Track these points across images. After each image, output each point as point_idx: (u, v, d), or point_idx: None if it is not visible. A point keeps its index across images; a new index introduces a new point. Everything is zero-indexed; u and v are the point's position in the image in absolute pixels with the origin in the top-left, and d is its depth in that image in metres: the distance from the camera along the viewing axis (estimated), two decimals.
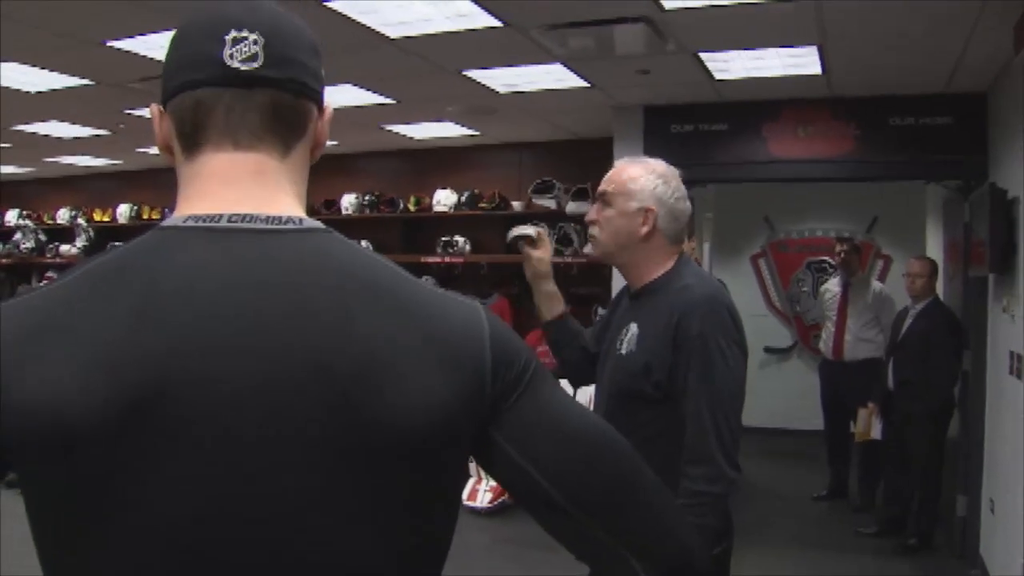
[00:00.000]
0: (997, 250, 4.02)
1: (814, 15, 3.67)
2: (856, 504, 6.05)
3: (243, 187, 0.90)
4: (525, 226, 2.35)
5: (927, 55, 4.23)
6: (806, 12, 3.64)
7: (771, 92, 5.02)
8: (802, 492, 6.40)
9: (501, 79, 4.81)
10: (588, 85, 4.92)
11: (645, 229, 2.09)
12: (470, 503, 5.60)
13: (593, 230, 2.18)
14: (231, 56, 0.87)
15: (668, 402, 2.00)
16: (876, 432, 5.47)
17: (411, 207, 7.29)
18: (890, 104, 4.96)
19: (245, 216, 0.88)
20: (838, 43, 4.05)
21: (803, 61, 4.38)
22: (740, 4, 3.51)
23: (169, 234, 0.87)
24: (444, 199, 7.07)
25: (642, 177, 2.12)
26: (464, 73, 4.62)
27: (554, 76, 4.74)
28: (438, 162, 7.36)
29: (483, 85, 4.89)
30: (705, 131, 5.35)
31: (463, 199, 7.02)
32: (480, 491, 5.71)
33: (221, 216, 0.87)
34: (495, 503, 5.64)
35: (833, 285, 6.36)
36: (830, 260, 8.09)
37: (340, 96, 5.24)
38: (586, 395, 5.17)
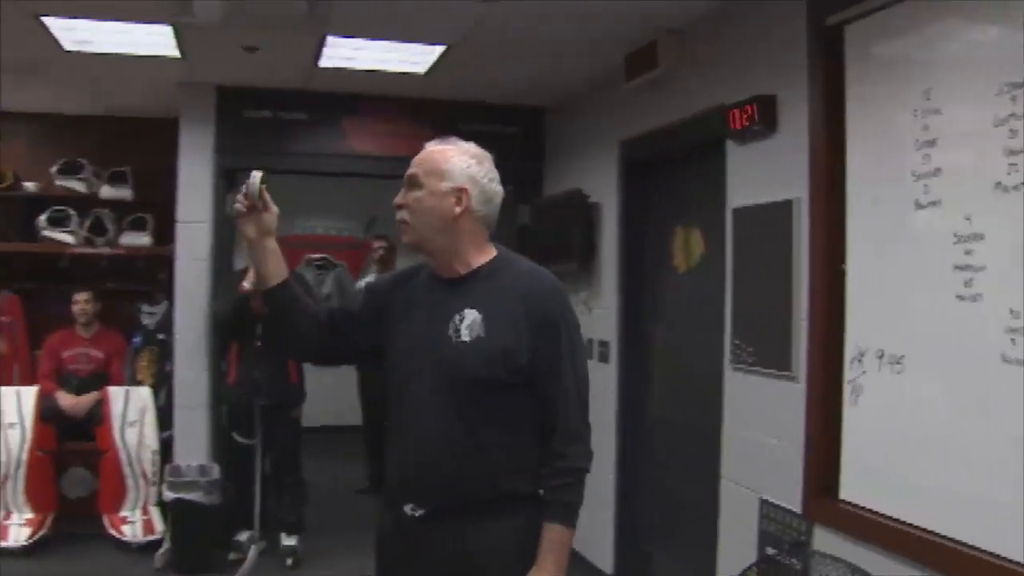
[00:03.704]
0: (585, 249, 4.57)
1: (462, 16, 3.75)
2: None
3: None
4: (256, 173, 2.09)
5: (520, 69, 4.61)
6: (458, 12, 3.71)
7: (360, 86, 4.99)
8: (348, 487, 6.48)
9: (79, 33, 3.99)
10: (178, 56, 4.34)
11: (458, 209, 2.02)
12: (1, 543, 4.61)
13: (402, 215, 2.06)
14: None
15: (516, 387, 2.00)
16: None
17: None
18: (464, 110, 5.27)
19: None
20: (465, 48, 4.19)
21: (416, 59, 4.45)
22: None
23: None
24: None
25: (454, 157, 2.05)
26: (43, 18, 3.74)
27: (147, 40, 4.09)
28: None
29: (53, 36, 4.00)
30: (284, 119, 5.10)
31: None
32: (12, 527, 4.72)
33: None
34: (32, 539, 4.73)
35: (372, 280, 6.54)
36: (330, 257, 8.36)
37: None
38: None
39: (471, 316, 2.00)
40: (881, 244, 2.66)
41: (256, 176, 2.06)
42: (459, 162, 2.04)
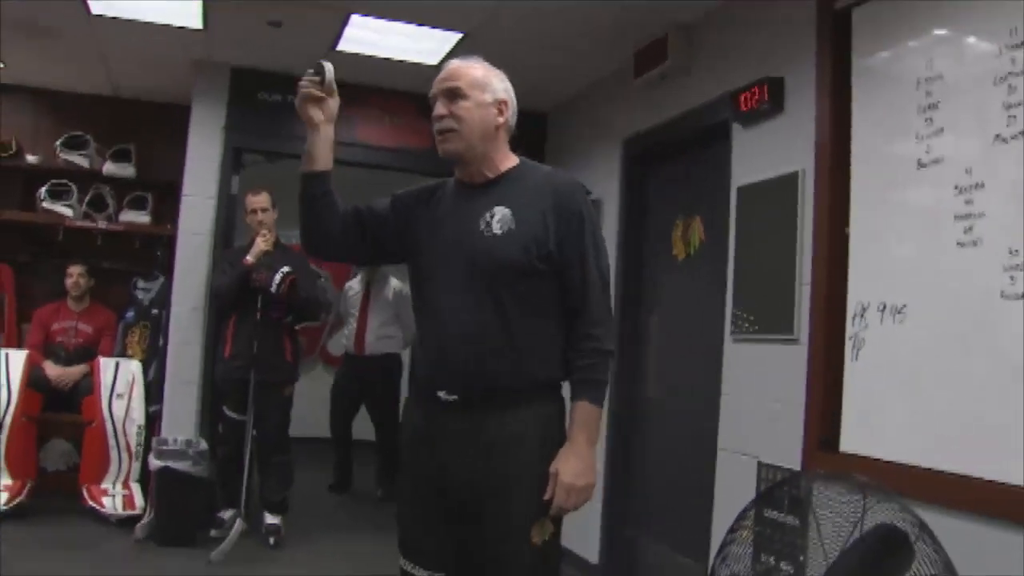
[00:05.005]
0: None
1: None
2: (378, 495, 6.33)
3: None
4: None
5: (528, 68, 4.74)
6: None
7: (371, 75, 5.11)
8: (318, 487, 6.45)
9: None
10: (200, 28, 4.46)
11: (501, 120, 2.19)
12: None
13: (446, 123, 2.16)
14: None
15: (544, 274, 2.12)
16: None
17: None
18: None
19: None
20: (479, 39, 4.35)
21: (432, 47, 4.60)
22: None
23: None
24: None
25: (491, 73, 2.21)
26: None
27: (173, 7, 4.22)
28: None
29: None
30: (294, 104, 5.19)
31: None
32: None
33: None
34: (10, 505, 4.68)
35: (355, 283, 6.63)
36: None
37: None
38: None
39: (501, 212, 2.12)
40: (884, 204, 2.81)
41: (330, 66, 2.18)
42: (496, 77, 2.20)
